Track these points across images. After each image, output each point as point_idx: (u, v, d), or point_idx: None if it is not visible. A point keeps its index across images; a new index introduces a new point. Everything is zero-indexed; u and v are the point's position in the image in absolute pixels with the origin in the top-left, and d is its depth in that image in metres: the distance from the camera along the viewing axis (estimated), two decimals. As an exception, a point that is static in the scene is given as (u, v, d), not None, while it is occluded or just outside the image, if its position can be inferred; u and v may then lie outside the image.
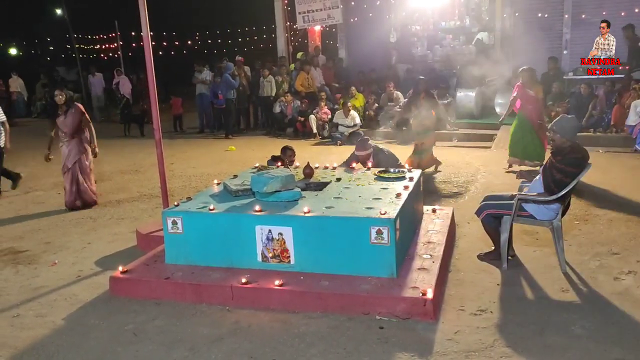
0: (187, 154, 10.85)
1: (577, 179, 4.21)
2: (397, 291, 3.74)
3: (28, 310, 4.07)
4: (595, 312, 3.70)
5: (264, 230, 4.12)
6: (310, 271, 4.06)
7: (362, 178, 5.19)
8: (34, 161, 10.50)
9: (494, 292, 4.06)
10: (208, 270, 4.21)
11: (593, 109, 10.23)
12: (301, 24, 14.76)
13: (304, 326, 3.60)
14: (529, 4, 13.15)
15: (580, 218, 5.71)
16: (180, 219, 4.33)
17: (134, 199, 7.39)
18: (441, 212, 5.46)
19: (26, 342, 3.59)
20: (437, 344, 3.35)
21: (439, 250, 4.44)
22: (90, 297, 4.24)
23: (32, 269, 4.93)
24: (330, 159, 6.71)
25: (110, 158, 10.60)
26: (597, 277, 4.27)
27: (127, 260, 4.65)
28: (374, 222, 3.90)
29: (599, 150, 9.06)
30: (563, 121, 4.31)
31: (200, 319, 3.78)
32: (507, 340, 3.37)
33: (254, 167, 5.57)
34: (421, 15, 14.05)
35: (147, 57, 5.18)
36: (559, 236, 4.39)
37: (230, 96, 12.76)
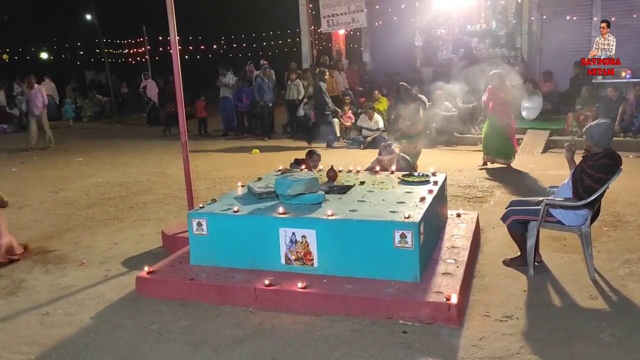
0: (212, 156, 10.97)
1: (607, 185, 4.12)
2: (421, 296, 3.72)
3: (57, 309, 4.16)
4: (624, 320, 3.61)
5: (288, 232, 4.14)
6: (334, 274, 4.05)
7: (386, 181, 5.17)
8: (62, 163, 10.77)
9: (519, 299, 4.00)
10: (232, 272, 4.24)
11: (623, 113, 10.02)
12: (325, 28, 14.81)
13: (327, 329, 3.60)
14: (557, 7, 12.96)
15: (609, 224, 5.59)
16: (205, 221, 4.38)
17: (160, 200, 7.49)
18: (466, 216, 5.40)
19: (55, 340, 3.67)
20: (462, 349, 3.31)
21: (463, 255, 4.39)
22: (117, 296, 4.32)
23: (60, 269, 5.03)
24: (354, 162, 6.71)
25: (137, 160, 10.80)
26: (626, 284, 4.17)
27: (153, 261, 4.72)
28: (397, 226, 3.88)
29: (629, 155, 8.86)
30: (592, 127, 4.21)
31: (224, 320, 3.81)
32: (534, 347, 3.32)
33: (278, 170, 5.60)
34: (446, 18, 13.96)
35: (174, 62, 5.26)
36: (587, 242, 4.30)
37: (266, 99, 12.86)
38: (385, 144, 6.39)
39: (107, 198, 7.72)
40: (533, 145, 10.11)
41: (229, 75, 14.02)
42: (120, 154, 11.63)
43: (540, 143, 10.13)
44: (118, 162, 10.72)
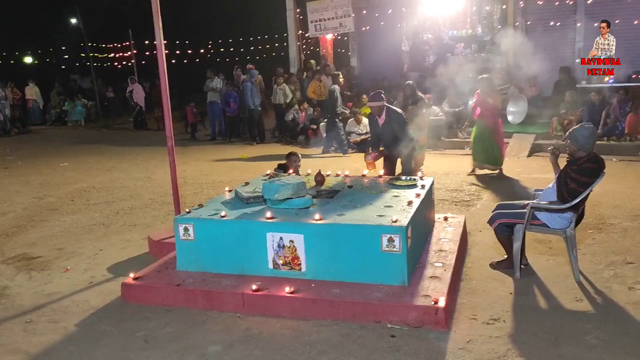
0: (199, 161, 10.92)
1: (591, 188, 4.17)
2: (409, 299, 3.72)
3: (41, 316, 4.10)
4: (609, 322, 3.65)
5: (275, 237, 4.13)
6: (321, 279, 4.05)
7: (373, 186, 5.18)
8: (48, 168, 10.65)
9: (506, 301, 4.02)
10: (219, 277, 4.22)
11: (607, 117, 10.15)
12: (313, 33, 14.84)
13: (315, 334, 3.59)
14: (541, 13, 13.11)
15: (594, 227, 5.65)
16: (192, 226, 4.35)
17: (146, 205, 7.44)
18: (453, 220, 5.43)
19: (38, 348, 3.61)
20: (449, 353, 3.32)
21: (450, 258, 4.41)
22: (102, 303, 4.27)
23: (45, 275, 4.97)
24: (342, 166, 6.72)
25: (124, 165, 10.71)
26: (611, 286, 4.22)
27: (138, 267, 4.68)
28: (385, 230, 3.89)
29: (613, 159, 8.98)
30: (576, 131, 4.25)
31: (212, 326, 3.78)
32: (520, 350, 3.34)
33: (266, 175, 5.59)
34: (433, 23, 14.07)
35: (160, 66, 5.23)
36: (572, 245, 4.34)
37: (256, 104, 12.84)
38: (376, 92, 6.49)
39: (93, 204, 7.65)
40: (519, 149, 10.21)
41: (217, 80, 13.99)
42: (106, 159, 11.53)
43: (525, 147, 10.23)
44: (104, 167, 10.63)
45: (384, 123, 6.35)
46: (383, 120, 6.35)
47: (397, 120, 6.34)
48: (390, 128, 6.30)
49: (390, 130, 6.29)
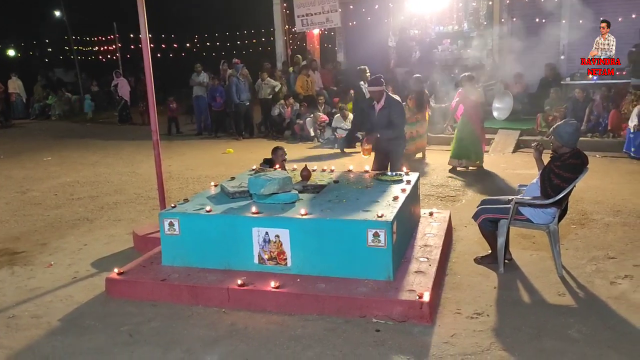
0: (185, 156, 10.85)
1: (574, 183, 4.22)
2: (394, 294, 3.74)
3: (24, 312, 4.06)
4: (591, 316, 3.70)
5: (261, 232, 4.12)
6: (307, 273, 4.05)
7: (359, 181, 5.19)
8: (31, 162, 10.51)
9: (490, 296, 4.06)
10: (204, 272, 4.21)
11: (590, 114, 10.26)
12: (300, 27, 14.79)
13: (300, 328, 3.60)
14: (526, 10, 13.19)
15: (576, 222, 5.72)
16: (177, 221, 4.33)
17: (131, 200, 7.38)
18: (438, 215, 5.46)
19: (21, 343, 3.58)
20: (434, 347, 3.35)
21: (435, 253, 4.44)
22: (86, 298, 4.23)
23: (28, 270, 4.91)
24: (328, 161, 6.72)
25: (108, 160, 10.61)
26: (593, 281, 4.28)
27: (123, 262, 4.64)
28: (371, 225, 3.90)
29: (596, 155, 9.08)
30: (561, 127, 4.29)
31: (197, 321, 3.77)
32: (504, 343, 3.37)
33: (252, 170, 5.57)
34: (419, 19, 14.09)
35: (145, 60, 5.19)
36: (555, 240, 4.39)
37: (243, 99, 12.76)
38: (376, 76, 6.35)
39: (77, 198, 7.57)
40: (504, 145, 10.29)
41: (203, 74, 13.89)
42: (90, 154, 11.41)
43: (510, 143, 10.31)
44: (88, 161, 10.52)
45: (382, 109, 6.10)
46: (381, 106, 6.10)
47: (395, 108, 6.13)
48: (387, 115, 6.07)
49: (386, 116, 6.08)
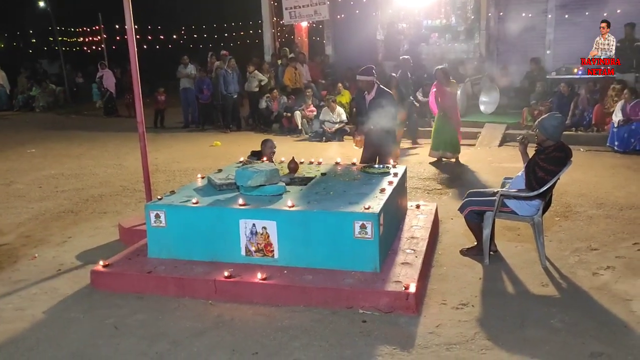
0: (172, 148, 10.78)
1: (558, 176, 4.27)
2: (380, 285, 3.77)
3: (7, 304, 4.02)
4: (574, 306, 3.76)
5: (248, 224, 4.12)
6: (294, 265, 4.06)
7: (347, 173, 5.20)
8: (15, 154, 10.38)
9: (475, 287, 4.11)
10: (191, 264, 4.19)
11: (575, 108, 10.36)
12: (288, 20, 14.71)
13: (287, 320, 3.61)
14: (513, 4, 13.26)
15: (560, 215, 5.79)
16: (164, 213, 4.31)
17: (117, 193, 7.32)
18: (425, 207, 5.50)
19: (5, 336, 3.54)
20: (419, 337, 3.38)
21: (422, 245, 4.47)
22: (71, 290, 4.20)
23: (11, 263, 4.86)
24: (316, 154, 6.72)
25: (94, 152, 10.51)
26: (576, 272, 4.34)
27: (109, 254, 4.61)
28: (357, 217, 3.92)
29: (580, 148, 9.18)
30: (546, 120, 4.34)
31: (183, 313, 3.76)
32: (488, 333, 3.42)
33: (239, 162, 5.55)
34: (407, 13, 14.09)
35: (131, 51, 5.13)
36: (539, 232, 4.45)
37: (230, 90, 12.68)
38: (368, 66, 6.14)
39: (61, 191, 7.49)
40: (490, 138, 10.37)
41: (190, 66, 13.78)
42: (75, 146, 11.29)
43: (497, 136, 10.39)
44: (73, 153, 10.40)
45: (372, 99, 6.05)
46: (372, 96, 6.05)
47: (386, 99, 6.07)
48: (378, 105, 6.01)
49: (377, 107, 6.02)
